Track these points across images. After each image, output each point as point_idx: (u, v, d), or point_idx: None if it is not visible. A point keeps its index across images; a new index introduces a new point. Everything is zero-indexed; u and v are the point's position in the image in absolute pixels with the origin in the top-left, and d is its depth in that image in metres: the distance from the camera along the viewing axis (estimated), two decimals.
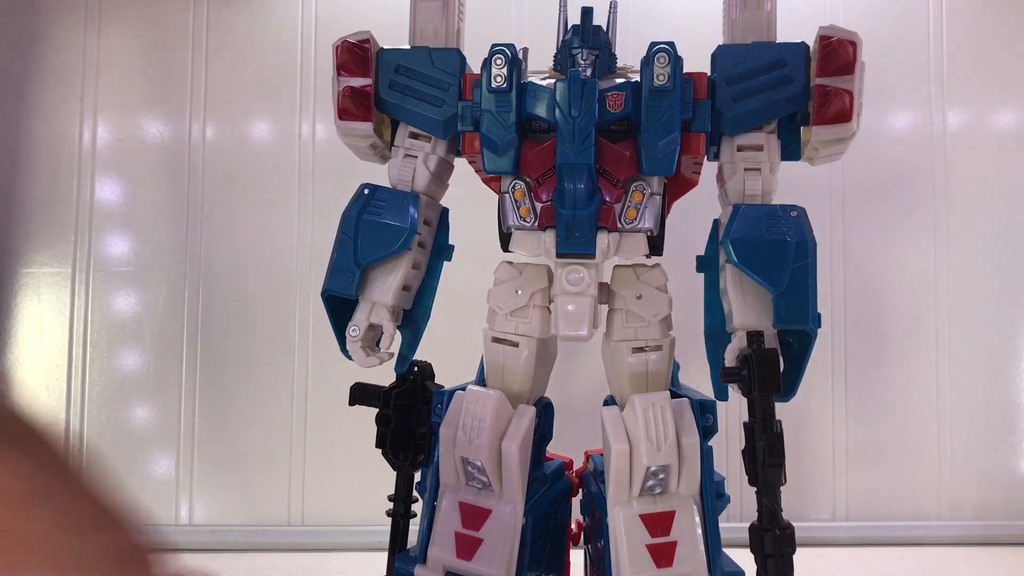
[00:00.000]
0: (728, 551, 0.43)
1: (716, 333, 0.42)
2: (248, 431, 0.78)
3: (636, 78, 0.41)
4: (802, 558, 0.38)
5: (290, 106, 0.79)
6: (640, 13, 0.72)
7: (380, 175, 0.67)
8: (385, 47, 0.44)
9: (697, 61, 0.46)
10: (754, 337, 0.36)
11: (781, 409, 0.38)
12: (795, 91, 0.39)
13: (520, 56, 0.40)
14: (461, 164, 0.47)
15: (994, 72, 0.75)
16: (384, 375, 0.47)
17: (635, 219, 0.39)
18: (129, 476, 0.78)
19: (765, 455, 0.36)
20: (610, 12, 0.41)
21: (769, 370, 0.36)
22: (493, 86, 0.39)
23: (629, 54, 0.47)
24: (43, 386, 0.80)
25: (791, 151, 0.42)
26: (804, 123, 0.41)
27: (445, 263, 0.45)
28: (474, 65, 0.44)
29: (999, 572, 0.65)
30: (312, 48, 0.78)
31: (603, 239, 0.39)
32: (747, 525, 0.40)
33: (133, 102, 0.80)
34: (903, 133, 0.73)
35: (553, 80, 0.40)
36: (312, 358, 0.77)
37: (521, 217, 0.40)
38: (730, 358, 0.39)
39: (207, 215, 0.79)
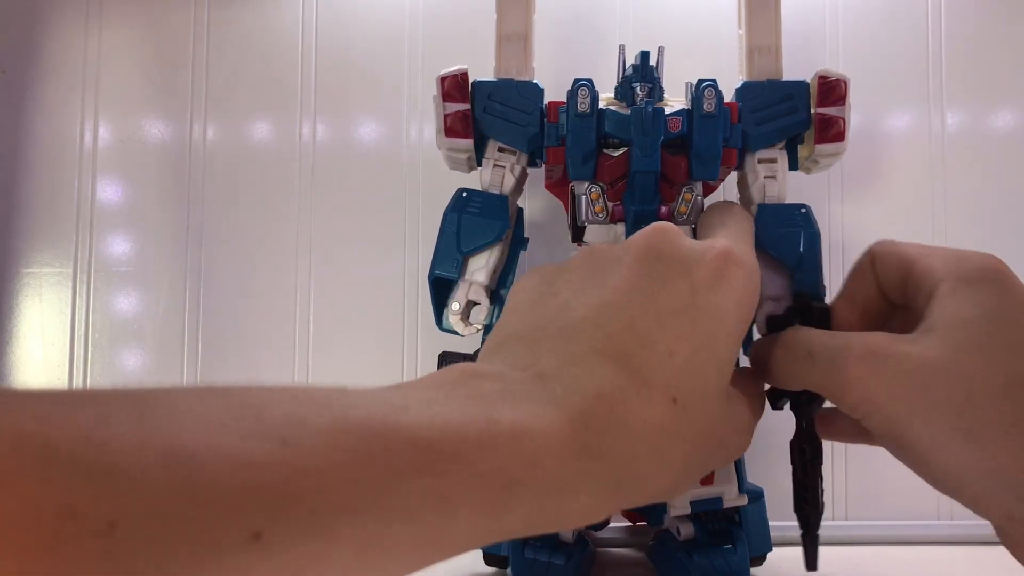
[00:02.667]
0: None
1: None
2: None
3: (676, 104, 0.66)
4: (798, 556, 0.54)
5: (291, 106, 0.94)
6: (640, 11, 0.92)
7: (378, 175, 0.94)
8: (478, 79, 0.68)
9: (695, 58, 0.76)
10: (800, 295, 0.58)
11: (776, 416, 0.62)
12: (801, 118, 0.66)
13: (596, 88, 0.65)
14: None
15: (994, 72, 0.91)
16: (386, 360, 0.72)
17: (686, 214, 0.65)
18: None
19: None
20: (658, 55, 0.66)
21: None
22: (579, 111, 0.63)
23: (627, 38, 0.77)
24: (44, 385, 0.93)
25: (791, 164, 0.69)
26: (801, 143, 0.69)
27: (521, 252, 0.71)
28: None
29: (999, 572, 0.72)
30: (313, 48, 0.95)
31: None
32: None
33: (134, 102, 0.96)
34: (902, 133, 0.89)
35: (624, 107, 0.65)
36: (313, 358, 0.93)
37: (596, 213, 0.65)
38: (760, 318, 0.64)
39: (208, 215, 0.94)
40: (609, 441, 0.37)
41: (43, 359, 0.96)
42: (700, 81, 0.65)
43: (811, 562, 0.52)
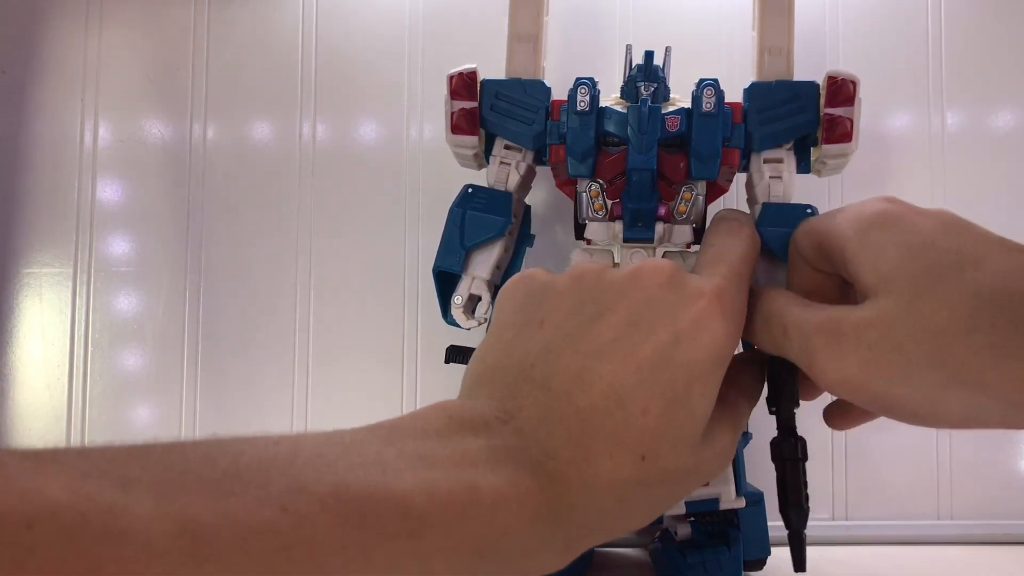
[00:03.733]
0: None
1: None
2: (250, 431, 0.96)
3: (682, 104, 0.66)
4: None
5: (291, 106, 0.95)
6: (648, 12, 0.92)
7: (378, 175, 0.94)
8: (486, 78, 0.69)
9: (704, 59, 0.77)
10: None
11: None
12: (809, 118, 0.67)
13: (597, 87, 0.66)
14: None
15: (994, 72, 0.92)
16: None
17: (685, 213, 0.66)
18: None
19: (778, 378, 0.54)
20: (665, 55, 0.67)
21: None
22: (578, 109, 0.64)
23: (632, 39, 0.79)
24: (45, 386, 0.95)
25: (803, 167, 0.69)
26: (813, 145, 0.69)
27: (527, 248, 0.72)
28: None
29: (999, 572, 0.78)
30: (313, 48, 0.95)
31: (659, 228, 0.65)
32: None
33: (134, 102, 0.96)
34: (902, 133, 0.89)
35: (624, 105, 0.65)
36: (313, 358, 0.93)
37: (595, 211, 0.66)
38: None
39: (208, 215, 0.94)
40: (576, 504, 0.40)
41: (43, 359, 0.97)
42: (701, 80, 0.66)
43: (798, 563, 0.52)
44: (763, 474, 0.73)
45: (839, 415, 0.54)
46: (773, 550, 0.72)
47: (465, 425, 0.40)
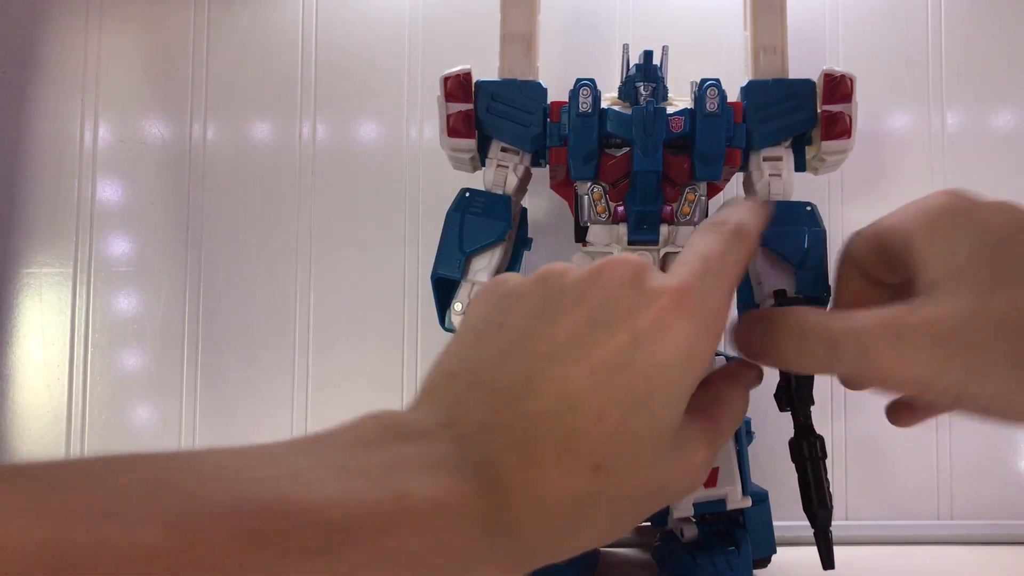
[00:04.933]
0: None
1: (744, 301, 0.67)
2: (250, 431, 0.92)
3: (681, 104, 0.65)
4: (802, 557, 0.56)
5: (291, 106, 0.94)
6: (644, 11, 0.92)
7: (378, 175, 0.93)
8: (481, 79, 0.67)
9: (700, 58, 0.76)
10: (780, 293, 0.58)
11: (781, 415, 0.62)
12: (806, 115, 0.66)
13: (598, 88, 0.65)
14: None
15: (994, 72, 0.91)
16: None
17: (689, 214, 0.64)
18: None
19: (795, 378, 0.54)
20: (663, 54, 0.65)
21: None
22: (580, 110, 0.63)
23: (629, 38, 0.78)
24: (45, 386, 0.94)
25: (799, 164, 0.68)
26: (808, 143, 0.68)
27: (525, 252, 0.71)
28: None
29: (999, 572, 0.78)
30: (313, 48, 0.94)
31: (664, 229, 0.64)
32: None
33: (134, 103, 0.96)
34: (902, 133, 0.89)
35: (627, 107, 0.64)
36: (313, 358, 0.92)
37: (597, 213, 0.64)
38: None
39: (208, 215, 0.94)
40: (521, 516, 0.36)
41: (43, 359, 0.96)
42: (703, 80, 0.64)
43: (826, 561, 0.51)
44: (767, 473, 0.73)
45: (905, 412, 0.51)
46: (779, 548, 0.72)
47: (401, 434, 0.36)
